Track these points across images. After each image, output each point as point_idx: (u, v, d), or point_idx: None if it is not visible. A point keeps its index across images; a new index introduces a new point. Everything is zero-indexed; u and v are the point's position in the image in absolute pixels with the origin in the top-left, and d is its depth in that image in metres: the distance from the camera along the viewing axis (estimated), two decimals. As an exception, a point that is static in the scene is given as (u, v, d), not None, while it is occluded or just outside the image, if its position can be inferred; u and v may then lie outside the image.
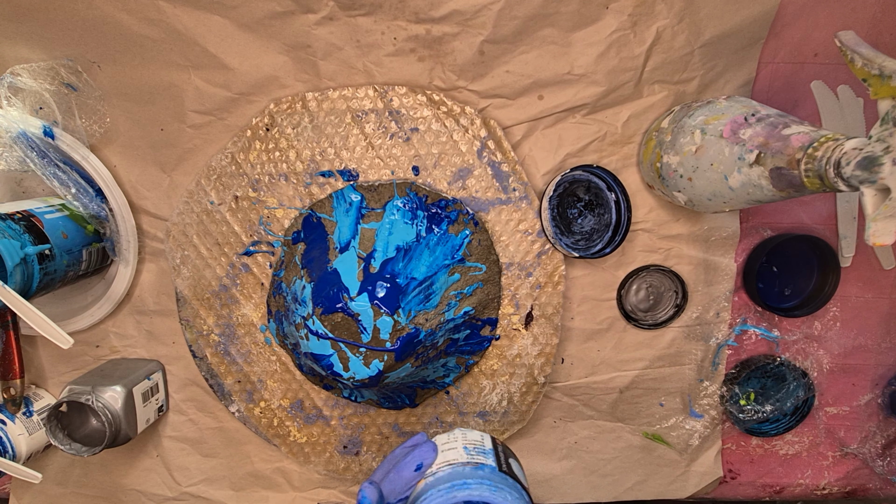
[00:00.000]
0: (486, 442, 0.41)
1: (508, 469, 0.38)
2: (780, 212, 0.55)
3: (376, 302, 0.47)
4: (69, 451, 0.50)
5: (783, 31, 0.50)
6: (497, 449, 0.40)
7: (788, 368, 0.57)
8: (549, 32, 0.49)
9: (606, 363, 0.57)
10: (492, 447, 0.40)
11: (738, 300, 0.57)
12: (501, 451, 0.40)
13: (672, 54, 0.50)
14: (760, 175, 0.37)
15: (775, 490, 0.62)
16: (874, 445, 0.60)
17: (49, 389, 0.58)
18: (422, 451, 0.39)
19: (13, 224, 0.44)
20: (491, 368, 0.55)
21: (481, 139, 0.51)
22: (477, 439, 0.41)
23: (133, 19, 0.48)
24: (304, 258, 0.51)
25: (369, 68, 0.50)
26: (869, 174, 0.31)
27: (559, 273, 0.53)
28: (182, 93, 0.50)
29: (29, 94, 0.49)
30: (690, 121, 0.44)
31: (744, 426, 0.58)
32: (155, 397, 0.55)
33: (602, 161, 0.53)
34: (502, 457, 0.39)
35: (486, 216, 0.53)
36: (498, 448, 0.40)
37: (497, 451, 0.40)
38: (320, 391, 0.56)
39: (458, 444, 0.40)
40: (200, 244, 0.53)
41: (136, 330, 0.56)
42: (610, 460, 0.59)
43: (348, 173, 0.52)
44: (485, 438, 0.41)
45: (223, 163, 0.52)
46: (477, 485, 0.35)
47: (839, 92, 0.52)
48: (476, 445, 0.40)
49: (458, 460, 0.38)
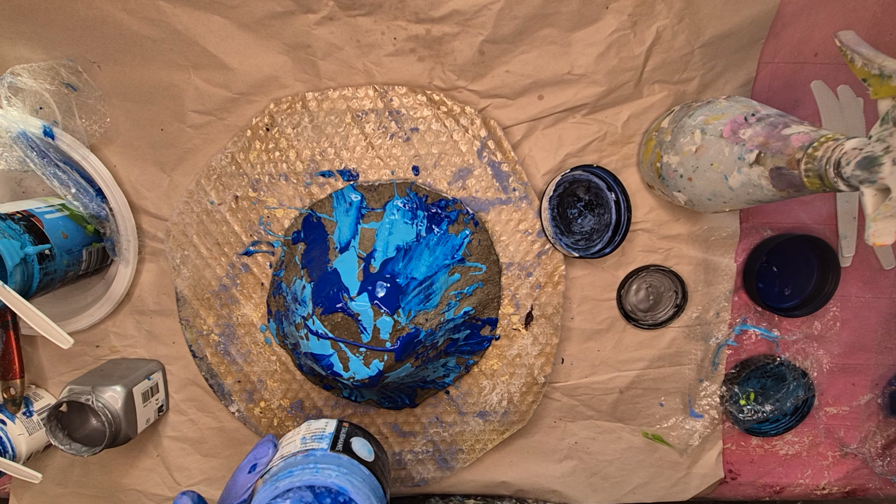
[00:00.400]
0: (329, 427, 0.40)
1: (345, 448, 0.38)
2: (780, 212, 0.55)
3: (376, 302, 0.47)
4: (69, 451, 0.50)
5: (783, 31, 0.50)
6: (339, 431, 0.40)
7: (788, 368, 0.57)
8: (549, 32, 0.49)
9: (606, 363, 0.57)
10: (332, 431, 0.40)
11: (738, 300, 0.57)
12: (344, 433, 0.40)
13: (672, 54, 0.50)
14: (760, 175, 0.37)
15: (775, 490, 0.62)
16: (874, 445, 0.60)
17: (49, 389, 0.58)
18: (257, 451, 0.38)
19: (13, 224, 0.44)
20: (491, 368, 0.55)
21: (481, 139, 0.51)
22: (320, 427, 0.41)
23: (133, 19, 0.48)
24: (304, 258, 0.51)
25: (369, 68, 0.50)
26: (869, 174, 0.31)
27: (559, 273, 0.53)
28: (182, 93, 0.50)
29: (29, 94, 0.49)
30: (690, 121, 0.44)
31: (743, 426, 0.58)
32: (155, 397, 0.55)
33: (602, 161, 0.53)
34: (342, 437, 0.39)
35: (486, 216, 0.53)
36: (341, 431, 0.40)
37: (337, 434, 0.40)
38: (320, 391, 0.56)
39: (297, 437, 0.40)
40: (200, 244, 0.53)
41: (136, 330, 0.56)
42: (611, 462, 0.59)
43: (348, 173, 0.52)
44: (329, 424, 0.41)
45: (223, 163, 0.52)
46: (300, 470, 0.35)
47: (839, 92, 0.52)
48: (315, 433, 0.40)
49: (292, 452, 0.38)
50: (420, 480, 0.58)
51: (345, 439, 0.39)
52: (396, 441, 0.57)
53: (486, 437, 0.57)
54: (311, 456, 0.37)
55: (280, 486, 0.34)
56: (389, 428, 0.57)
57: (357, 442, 0.39)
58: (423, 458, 0.57)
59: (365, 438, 0.41)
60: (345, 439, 0.39)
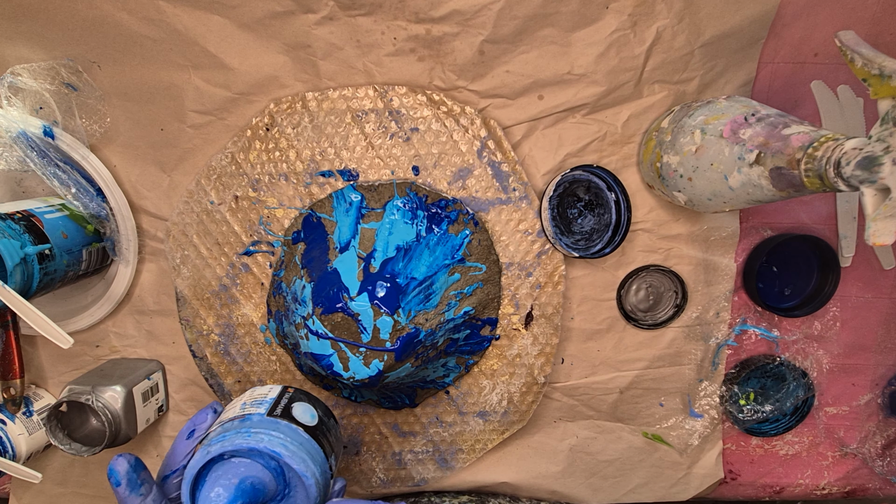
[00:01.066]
0: (272, 393, 0.40)
1: (284, 413, 0.37)
2: (780, 212, 0.55)
3: (376, 302, 0.47)
4: (69, 451, 0.50)
5: (783, 31, 0.50)
6: (282, 397, 0.40)
7: (788, 368, 0.57)
8: (549, 32, 0.49)
9: (606, 363, 0.57)
10: (274, 397, 0.39)
11: (738, 300, 0.57)
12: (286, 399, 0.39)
13: (672, 54, 0.50)
14: (760, 175, 0.37)
15: (775, 490, 0.62)
16: (874, 445, 0.60)
17: (49, 389, 0.58)
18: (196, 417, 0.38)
19: (13, 224, 0.44)
20: (491, 368, 0.55)
21: (481, 139, 0.51)
22: (262, 393, 0.40)
23: (133, 19, 0.48)
24: (304, 258, 0.51)
25: (369, 68, 0.50)
26: (869, 174, 0.31)
27: (559, 273, 0.53)
28: (182, 93, 0.50)
29: (29, 94, 0.49)
30: (690, 121, 0.44)
31: (743, 426, 0.58)
32: (155, 397, 0.55)
33: (602, 161, 0.53)
34: (284, 402, 0.39)
35: (486, 216, 0.53)
36: (283, 396, 0.40)
37: (279, 399, 0.39)
38: (320, 391, 0.56)
39: (238, 403, 0.39)
40: (200, 244, 0.53)
41: (136, 330, 0.56)
42: (611, 462, 0.59)
43: (348, 173, 0.52)
44: (272, 390, 0.41)
45: (223, 163, 0.52)
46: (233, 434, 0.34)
47: (839, 92, 0.52)
48: (256, 399, 0.39)
49: (230, 417, 0.37)
50: (420, 480, 0.58)
51: (286, 404, 0.39)
52: (396, 441, 0.57)
53: (486, 437, 0.57)
54: (247, 421, 0.36)
55: (212, 451, 0.34)
56: (389, 428, 0.57)
57: (299, 407, 0.39)
58: (423, 458, 0.57)
59: (310, 403, 0.40)
60: (286, 404, 0.39)
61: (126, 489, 0.32)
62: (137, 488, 0.33)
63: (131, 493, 0.32)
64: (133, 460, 0.33)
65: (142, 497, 0.33)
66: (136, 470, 0.33)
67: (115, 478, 0.32)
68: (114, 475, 0.32)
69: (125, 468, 0.32)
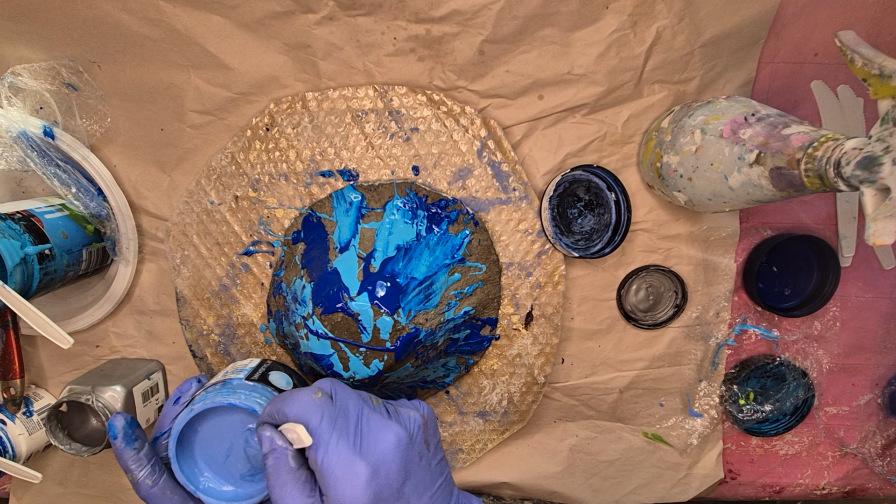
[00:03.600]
0: (251, 364, 0.44)
1: (261, 378, 0.41)
2: (780, 212, 0.55)
3: (376, 302, 0.47)
4: (69, 451, 0.50)
5: (783, 31, 0.50)
6: (260, 367, 0.43)
7: (788, 368, 0.57)
8: (549, 32, 0.49)
9: (606, 363, 0.57)
10: (253, 366, 0.43)
11: (738, 300, 0.57)
12: (264, 368, 0.43)
13: (672, 54, 0.50)
14: (760, 175, 0.37)
15: (775, 490, 0.62)
16: (874, 445, 0.61)
17: (49, 389, 0.58)
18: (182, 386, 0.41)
19: (13, 224, 0.44)
20: (491, 368, 0.55)
21: (481, 139, 0.51)
22: (244, 363, 0.44)
23: (133, 19, 0.48)
24: (304, 258, 0.51)
25: (369, 68, 0.50)
26: (869, 174, 0.31)
27: (559, 273, 0.53)
28: (182, 93, 0.50)
29: (29, 94, 0.49)
30: (690, 121, 0.44)
31: (743, 426, 0.58)
32: (155, 397, 0.55)
33: (602, 161, 0.53)
34: (262, 370, 0.43)
35: (486, 216, 0.53)
36: (262, 366, 0.43)
37: (257, 368, 0.43)
38: (320, 391, 0.56)
39: (220, 372, 0.43)
40: (200, 244, 0.53)
41: (136, 330, 0.56)
42: (612, 462, 0.59)
43: (348, 173, 0.52)
44: (252, 361, 0.44)
45: (223, 163, 0.52)
46: (213, 394, 0.38)
47: (839, 92, 0.52)
48: (238, 368, 0.43)
49: (213, 383, 0.41)
50: (420, 480, 0.58)
51: (263, 372, 0.43)
52: (396, 441, 0.57)
53: (486, 437, 0.57)
54: (227, 384, 0.40)
55: (195, 409, 0.37)
56: (389, 428, 0.57)
57: (275, 374, 0.43)
58: (423, 458, 0.57)
59: (286, 373, 0.44)
60: (263, 372, 0.43)
61: (122, 441, 0.36)
62: (132, 442, 0.36)
63: (127, 447, 0.36)
64: (129, 418, 0.37)
65: (135, 451, 0.36)
66: (131, 427, 0.37)
67: (113, 431, 0.36)
68: (112, 429, 0.36)
69: (122, 423, 0.36)
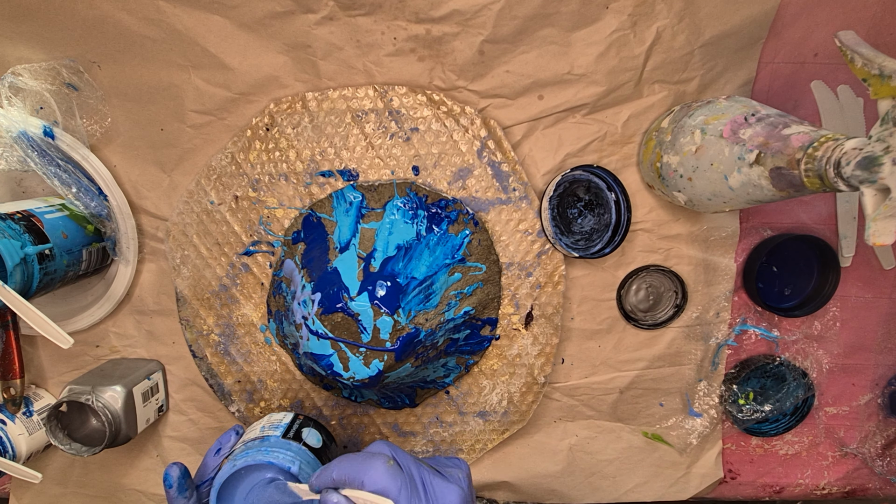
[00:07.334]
0: (286, 419, 0.49)
1: (296, 436, 0.46)
2: (780, 212, 0.55)
3: (376, 302, 0.47)
4: (69, 451, 0.50)
5: (783, 31, 0.50)
6: (294, 423, 0.48)
7: (788, 368, 0.57)
8: (549, 32, 0.49)
9: (606, 363, 0.57)
10: (287, 422, 0.48)
11: (738, 300, 0.57)
12: (298, 424, 0.48)
13: (672, 54, 0.50)
14: (760, 175, 0.37)
15: (775, 490, 0.62)
16: (874, 445, 0.60)
17: (49, 389, 0.58)
18: (222, 437, 0.45)
19: (13, 224, 0.44)
20: (491, 368, 0.55)
21: (481, 139, 0.51)
22: (278, 418, 0.49)
23: (133, 19, 0.48)
24: (305, 258, 0.51)
25: (369, 68, 0.50)
26: (869, 174, 0.31)
27: (559, 273, 0.53)
28: (182, 93, 0.50)
29: (29, 94, 0.49)
30: (690, 121, 0.44)
31: (743, 426, 0.58)
32: (155, 397, 0.55)
33: (602, 161, 0.53)
34: (295, 427, 0.47)
35: (486, 216, 0.53)
36: (295, 422, 0.48)
37: (291, 424, 0.48)
38: (320, 391, 0.56)
39: (258, 426, 0.48)
40: (200, 244, 0.53)
41: (136, 330, 0.56)
42: (611, 461, 0.59)
43: (348, 173, 0.52)
44: (286, 416, 0.49)
45: (223, 163, 0.52)
46: (254, 452, 0.42)
47: (839, 92, 0.52)
48: (273, 423, 0.48)
49: (252, 438, 0.45)
50: (420, 480, 0.58)
51: (297, 429, 0.47)
52: (396, 441, 0.57)
53: (486, 437, 0.57)
54: (266, 441, 0.44)
55: (237, 464, 0.41)
56: (389, 428, 0.57)
57: (307, 432, 0.47)
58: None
59: (315, 429, 0.48)
60: (297, 429, 0.47)
61: (176, 491, 0.40)
62: (184, 491, 0.40)
63: (179, 495, 0.40)
64: (183, 468, 0.40)
65: (186, 499, 0.40)
66: (184, 476, 0.40)
67: (169, 481, 0.40)
68: (168, 479, 0.40)
69: (177, 474, 0.40)
